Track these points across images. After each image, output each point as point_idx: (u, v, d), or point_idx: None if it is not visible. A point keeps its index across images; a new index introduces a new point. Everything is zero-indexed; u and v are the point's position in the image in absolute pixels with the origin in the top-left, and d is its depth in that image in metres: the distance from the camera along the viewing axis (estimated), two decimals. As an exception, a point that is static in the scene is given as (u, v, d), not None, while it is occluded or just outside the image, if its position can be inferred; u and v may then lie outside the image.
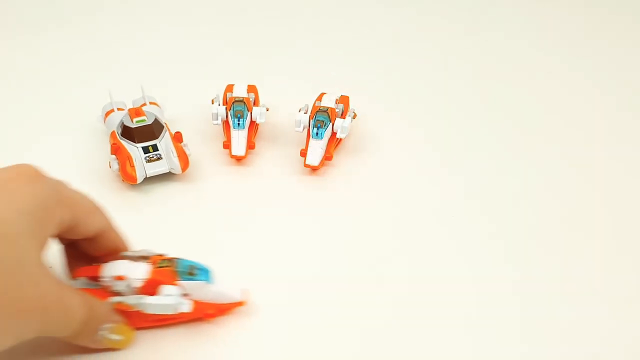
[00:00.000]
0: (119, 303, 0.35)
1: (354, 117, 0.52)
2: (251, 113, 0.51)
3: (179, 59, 0.64)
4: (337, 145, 0.51)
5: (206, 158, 0.51)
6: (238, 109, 0.50)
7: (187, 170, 0.48)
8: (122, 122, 0.48)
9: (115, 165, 0.47)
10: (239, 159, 0.50)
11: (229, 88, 0.54)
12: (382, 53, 0.67)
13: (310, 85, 0.56)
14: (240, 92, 0.52)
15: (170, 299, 0.35)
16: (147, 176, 0.47)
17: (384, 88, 0.61)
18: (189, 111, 0.55)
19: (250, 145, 0.50)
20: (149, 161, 0.47)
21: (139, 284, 0.36)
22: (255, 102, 0.53)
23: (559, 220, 0.46)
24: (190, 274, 0.36)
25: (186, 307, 0.36)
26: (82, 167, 0.49)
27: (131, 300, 0.35)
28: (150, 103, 0.52)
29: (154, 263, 0.37)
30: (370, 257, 0.43)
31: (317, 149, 0.49)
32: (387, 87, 0.61)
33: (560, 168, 0.51)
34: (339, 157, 0.51)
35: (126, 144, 0.48)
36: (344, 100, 0.53)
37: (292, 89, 0.59)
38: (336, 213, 0.47)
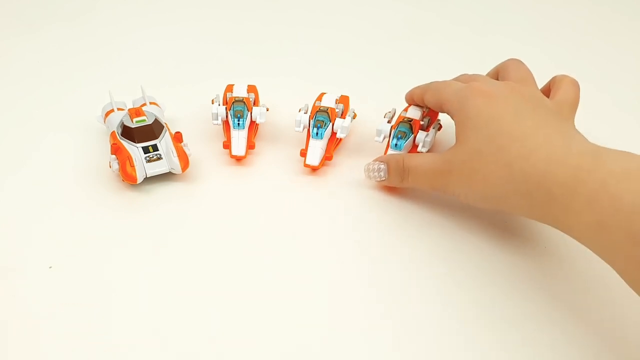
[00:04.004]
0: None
1: (354, 117, 0.52)
2: (251, 113, 0.51)
3: (179, 59, 0.64)
4: (337, 145, 0.51)
5: (206, 158, 0.51)
6: (238, 109, 0.50)
7: (187, 170, 0.48)
8: (122, 122, 0.48)
9: (115, 165, 0.47)
10: (239, 159, 0.50)
11: (229, 88, 0.54)
12: (383, 53, 0.67)
13: (310, 85, 0.57)
14: (240, 92, 0.53)
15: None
16: (147, 176, 0.47)
17: (384, 88, 0.61)
18: (189, 111, 0.55)
19: (250, 145, 0.50)
20: (149, 161, 0.47)
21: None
22: (255, 102, 0.53)
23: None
24: None
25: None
26: (82, 167, 0.49)
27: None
28: (151, 103, 0.52)
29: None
30: (371, 256, 0.43)
31: (317, 149, 0.49)
32: (387, 87, 0.61)
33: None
34: (339, 157, 0.51)
35: (126, 144, 0.48)
36: (344, 100, 0.53)
37: (292, 89, 0.59)
38: (336, 213, 0.47)
